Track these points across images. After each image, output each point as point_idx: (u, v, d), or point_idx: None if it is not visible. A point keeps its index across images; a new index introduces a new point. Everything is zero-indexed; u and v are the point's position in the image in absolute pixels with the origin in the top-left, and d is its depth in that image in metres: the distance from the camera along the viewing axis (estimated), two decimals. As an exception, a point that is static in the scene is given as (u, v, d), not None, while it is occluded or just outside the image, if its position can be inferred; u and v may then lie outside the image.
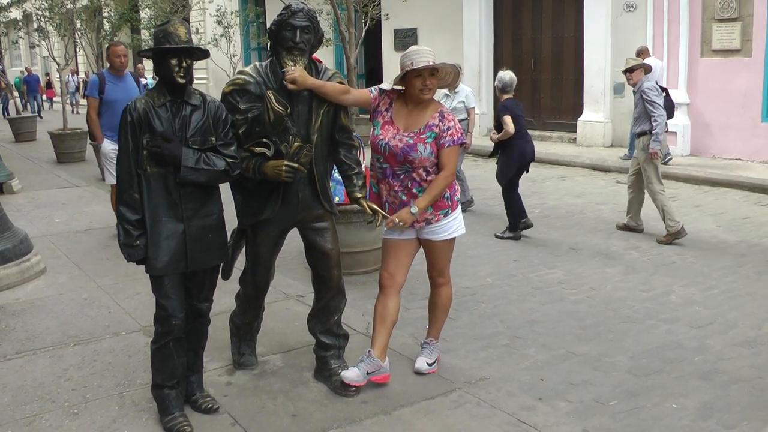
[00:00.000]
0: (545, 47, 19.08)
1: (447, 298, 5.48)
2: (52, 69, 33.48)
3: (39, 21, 18.43)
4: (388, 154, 5.02)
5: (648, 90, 9.41)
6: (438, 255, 5.31)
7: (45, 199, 12.30)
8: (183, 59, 4.26)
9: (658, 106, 9.30)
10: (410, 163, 4.98)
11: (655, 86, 9.60)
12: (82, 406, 4.84)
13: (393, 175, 5.07)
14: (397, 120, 5.07)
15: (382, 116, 5.10)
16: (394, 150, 4.98)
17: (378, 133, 5.06)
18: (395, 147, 4.98)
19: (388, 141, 5.00)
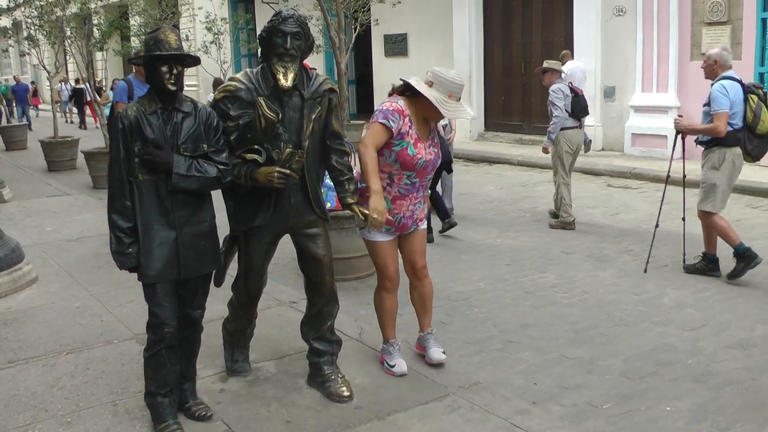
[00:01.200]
0: (535, 52, 19.12)
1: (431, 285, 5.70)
2: (42, 77, 33.41)
3: (29, 29, 18.39)
4: (422, 169, 5.18)
5: (552, 92, 10.50)
6: (422, 242, 5.55)
7: (36, 207, 12.26)
8: (174, 66, 4.26)
9: (557, 107, 10.40)
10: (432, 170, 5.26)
11: (560, 89, 10.49)
12: (75, 415, 4.83)
13: (420, 186, 5.29)
14: (420, 134, 5.23)
15: (409, 136, 5.17)
16: (428, 164, 5.19)
17: (414, 152, 5.15)
18: (429, 161, 5.21)
19: (424, 157, 5.18)
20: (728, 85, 7.67)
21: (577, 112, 10.77)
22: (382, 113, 5.18)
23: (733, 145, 7.75)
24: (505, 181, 14.79)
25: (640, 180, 14.15)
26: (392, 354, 5.44)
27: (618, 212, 11.41)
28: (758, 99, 7.68)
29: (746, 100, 7.70)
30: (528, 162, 16.34)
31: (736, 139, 7.73)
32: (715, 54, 7.93)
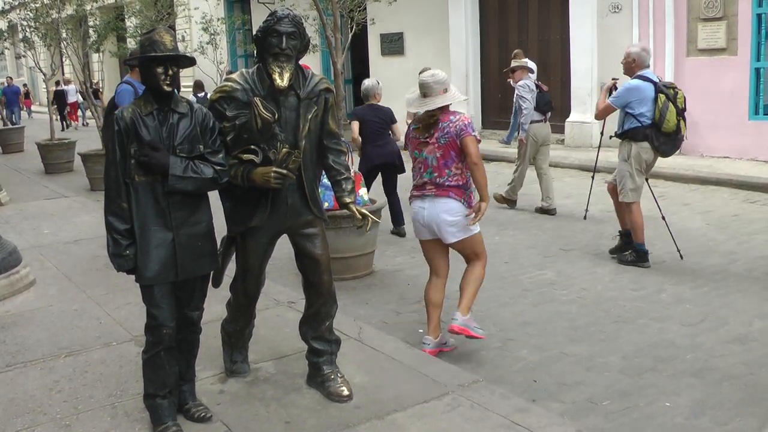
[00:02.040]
0: (531, 50, 19.10)
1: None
2: (38, 79, 33.35)
3: (24, 31, 18.37)
4: None
5: (520, 87, 11.28)
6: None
7: (33, 210, 12.25)
8: (169, 67, 4.25)
9: (526, 100, 11.19)
10: None
11: (527, 84, 11.30)
12: (74, 418, 4.82)
13: None
14: None
15: None
16: None
17: None
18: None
19: None
20: (635, 85, 8.26)
21: (542, 107, 11.51)
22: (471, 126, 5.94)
23: (641, 140, 8.29)
24: (502, 179, 14.73)
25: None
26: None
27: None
28: (666, 98, 8.14)
29: (656, 99, 8.17)
30: (525, 159, 16.32)
31: (643, 135, 8.26)
32: (634, 53, 8.42)
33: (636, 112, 8.26)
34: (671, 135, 8.24)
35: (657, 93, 8.18)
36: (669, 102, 8.15)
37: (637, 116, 8.27)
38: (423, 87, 5.94)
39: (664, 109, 8.13)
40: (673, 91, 8.27)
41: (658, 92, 8.19)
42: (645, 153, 8.34)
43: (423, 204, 6.08)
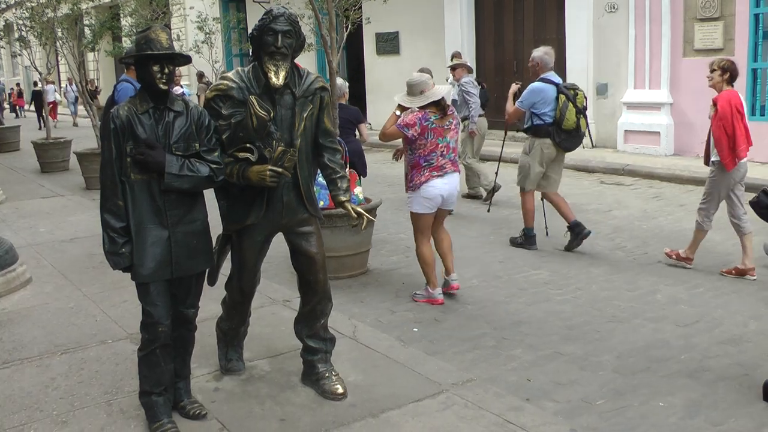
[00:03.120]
0: (527, 50, 19.01)
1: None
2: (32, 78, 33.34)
3: (20, 30, 18.35)
4: None
5: (466, 83, 12.01)
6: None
7: (29, 209, 12.24)
8: (165, 65, 4.26)
9: (474, 95, 11.93)
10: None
11: (471, 81, 12.20)
12: (70, 415, 4.83)
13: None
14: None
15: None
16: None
17: None
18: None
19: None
20: (538, 88, 9.01)
21: (483, 102, 12.81)
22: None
23: (543, 136, 9.05)
24: (498, 178, 14.78)
25: (632, 177, 14.19)
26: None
27: (611, 209, 11.43)
28: (566, 99, 8.86)
29: (557, 99, 8.91)
30: (521, 159, 16.35)
31: (546, 132, 9.02)
32: (537, 57, 9.21)
33: (539, 111, 9.00)
34: (571, 132, 8.97)
35: (558, 94, 8.90)
36: (569, 102, 8.85)
37: (540, 115, 9.01)
38: (422, 84, 7.05)
39: (564, 108, 8.85)
40: (573, 92, 8.96)
41: (559, 93, 8.91)
42: (546, 148, 9.07)
43: (444, 180, 7.16)
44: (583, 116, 9.01)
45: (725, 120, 7.66)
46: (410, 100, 7.12)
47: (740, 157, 7.75)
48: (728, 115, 7.66)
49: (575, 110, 8.87)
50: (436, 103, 7.04)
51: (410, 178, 7.22)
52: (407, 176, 7.30)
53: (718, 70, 7.95)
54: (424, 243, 7.36)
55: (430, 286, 7.39)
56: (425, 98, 7.02)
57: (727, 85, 7.95)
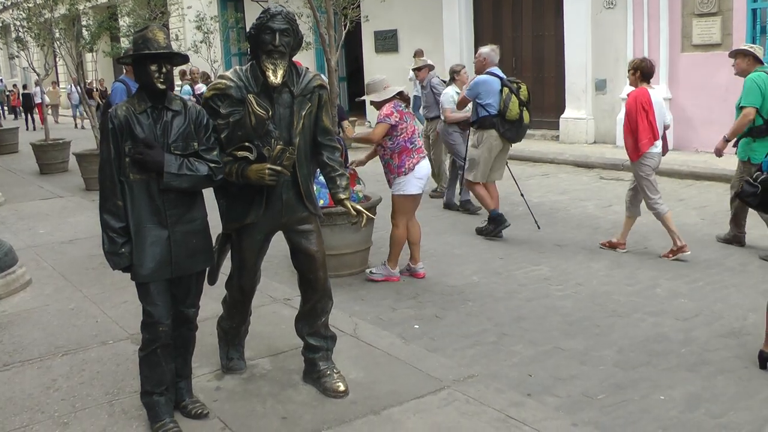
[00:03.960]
0: (526, 46, 19.14)
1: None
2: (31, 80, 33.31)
3: (17, 31, 18.32)
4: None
5: (437, 85, 12.09)
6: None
7: (29, 210, 12.25)
8: (162, 65, 4.26)
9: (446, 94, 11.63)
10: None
11: (440, 81, 12.30)
12: (71, 416, 4.84)
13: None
14: None
15: None
16: None
17: None
18: None
19: None
20: (483, 80, 9.59)
21: None
22: None
23: (489, 128, 9.52)
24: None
25: (631, 172, 14.14)
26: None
27: (611, 204, 11.43)
28: (509, 91, 9.40)
29: (501, 91, 9.44)
30: (520, 156, 16.32)
31: (491, 123, 9.50)
32: (485, 53, 9.89)
33: (484, 102, 9.50)
34: (515, 123, 9.47)
35: (502, 86, 9.46)
36: (512, 94, 9.39)
37: (485, 106, 9.50)
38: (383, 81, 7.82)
39: (507, 100, 9.37)
40: (516, 85, 9.54)
41: (503, 86, 9.46)
42: (494, 140, 9.53)
43: (426, 161, 7.83)
44: (527, 108, 9.54)
45: (630, 116, 8.37)
46: (379, 95, 7.72)
47: (644, 149, 8.31)
48: (633, 112, 8.30)
49: (518, 102, 9.40)
50: (400, 94, 7.75)
51: (400, 164, 7.65)
52: (391, 166, 7.72)
53: (632, 69, 8.55)
54: (403, 225, 7.87)
55: (391, 264, 7.95)
56: (391, 91, 7.70)
57: (641, 82, 8.48)
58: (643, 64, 8.44)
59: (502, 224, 9.58)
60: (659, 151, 8.55)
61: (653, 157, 8.44)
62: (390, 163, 7.71)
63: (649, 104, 8.28)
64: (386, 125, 7.56)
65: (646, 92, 8.36)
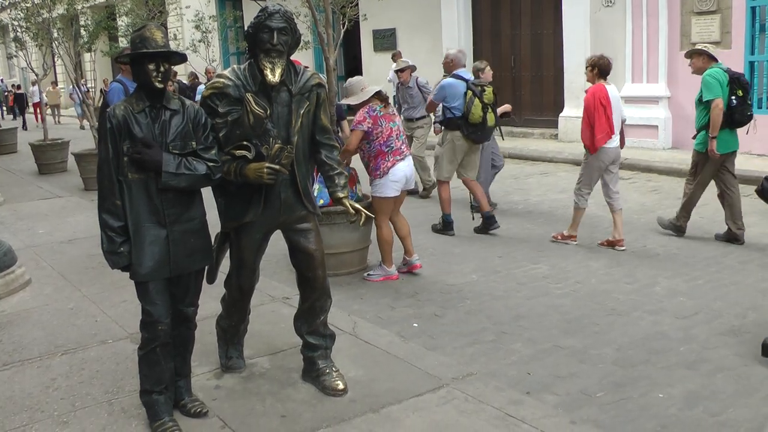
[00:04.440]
0: (524, 44, 19.15)
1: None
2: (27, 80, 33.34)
3: (15, 31, 18.31)
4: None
5: (426, 85, 12.48)
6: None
7: (28, 210, 12.25)
8: (160, 64, 4.26)
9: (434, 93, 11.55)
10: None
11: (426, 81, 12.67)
12: (71, 415, 4.84)
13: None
14: None
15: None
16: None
17: None
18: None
19: None
20: (449, 83, 9.83)
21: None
22: None
23: (454, 129, 9.71)
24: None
25: (631, 170, 14.17)
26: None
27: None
28: (473, 94, 9.56)
29: (465, 94, 9.61)
30: (519, 155, 16.37)
31: (456, 125, 9.69)
32: (451, 55, 10.19)
33: (450, 105, 9.70)
34: (478, 125, 9.59)
35: (467, 89, 9.62)
36: (475, 97, 9.54)
37: (451, 109, 9.69)
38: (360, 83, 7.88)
39: (470, 103, 9.52)
40: (480, 88, 9.67)
41: (468, 89, 9.62)
42: (458, 140, 9.70)
43: (406, 163, 7.82)
44: (492, 111, 9.69)
45: (588, 111, 8.74)
46: (357, 97, 7.73)
47: (599, 144, 8.71)
48: (591, 107, 8.69)
49: (481, 105, 9.53)
50: (378, 94, 7.77)
51: (376, 167, 7.73)
52: (369, 168, 7.84)
53: (589, 66, 8.96)
54: (386, 224, 7.94)
55: (386, 264, 8.02)
56: (368, 92, 7.71)
57: (598, 79, 8.87)
58: (600, 62, 8.86)
59: (447, 230, 9.94)
60: (616, 146, 8.96)
61: (609, 152, 8.87)
62: (368, 165, 7.83)
63: (607, 100, 8.66)
64: (360, 132, 7.64)
65: (604, 88, 8.73)
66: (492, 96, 9.78)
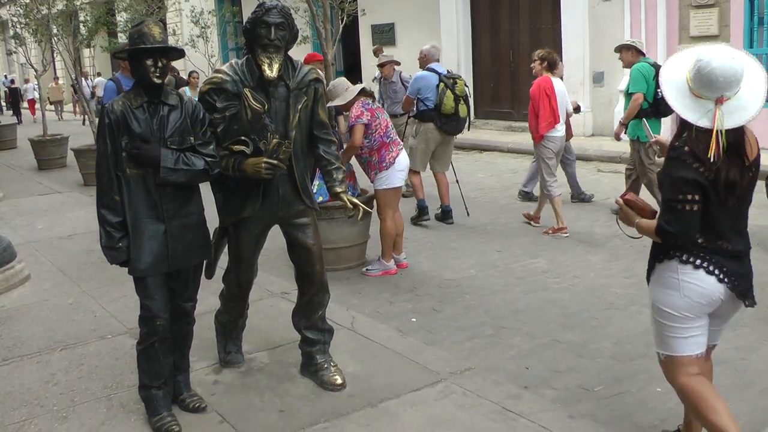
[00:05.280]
0: (523, 39, 19.13)
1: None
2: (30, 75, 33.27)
3: (15, 27, 18.30)
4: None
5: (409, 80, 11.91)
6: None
7: (27, 206, 12.26)
8: (158, 59, 4.27)
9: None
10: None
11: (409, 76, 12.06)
12: (70, 410, 4.86)
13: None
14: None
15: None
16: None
17: None
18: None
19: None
20: (422, 75, 10.09)
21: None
22: None
23: (427, 121, 9.97)
24: (495, 168, 14.83)
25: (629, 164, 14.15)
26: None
27: (608, 197, 11.42)
28: (445, 86, 9.83)
29: (438, 86, 9.87)
30: (518, 149, 16.37)
31: (429, 117, 9.95)
32: (425, 50, 10.43)
33: (423, 97, 9.96)
34: (450, 116, 9.86)
35: (440, 82, 9.88)
36: (447, 89, 9.80)
37: (424, 101, 9.95)
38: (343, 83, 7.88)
39: (442, 95, 9.80)
40: (452, 81, 9.94)
41: (440, 81, 9.88)
42: (430, 132, 9.96)
43: (404, 153, 7.96)
44: (463, 103, 9.94)
45: (533, 101, 9.29)
46: (343, 98, 7.76)
47: (542, 131, 9.25)
48: (536, 97, 9.25)
49: (453, 96, 9.80)
50: (362, 92, 7.81)
51: (381, 159, 7.74)
52: (372, 163, 7.82)
53: (537, 60, 9.56)
54: (390, 218, 7.93)
55: (385, 258, 8.05)
56: (352, 92, 7.74)
57: (547, 72, 9.49)
58: (549, 56, 9.52)
59: (423, 216, 10.12)
60: (562, 135, 9.57)
61: (554, 140, 9.42)
62: (370, 161, 7.81)
63: (552, 91, 9.23)
64: (361, 126, 7.64)
65: (549, 80, 9.35)
66: (464, 88, 10.02)
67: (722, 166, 3.59)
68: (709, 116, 3.58)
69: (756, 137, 3.80)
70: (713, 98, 3.57)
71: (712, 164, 3.56)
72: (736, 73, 3.55)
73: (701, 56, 3.61)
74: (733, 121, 3.60)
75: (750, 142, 3.71)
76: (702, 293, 3.80)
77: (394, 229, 7.96)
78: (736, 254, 3.83)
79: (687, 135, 3.67)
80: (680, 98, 3.69)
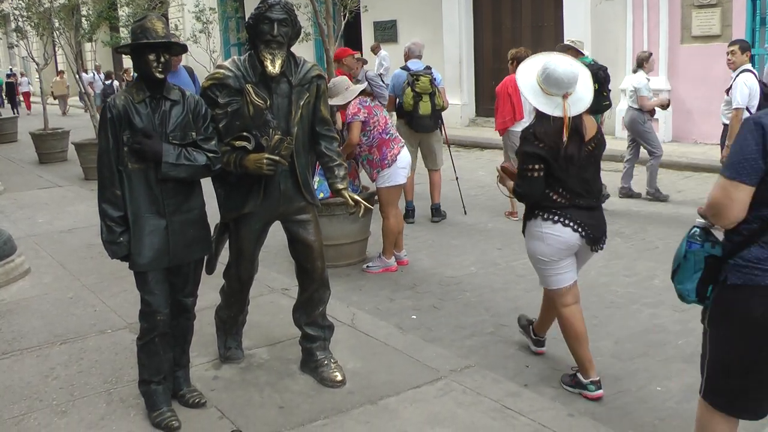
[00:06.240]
0: (525, 36, 19.09)
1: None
2: (31, 69, 33.20)
3: (16, 21, 18.28)
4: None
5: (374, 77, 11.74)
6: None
7: (28, 199, 12.26)
8: (161, 54, 4.26)
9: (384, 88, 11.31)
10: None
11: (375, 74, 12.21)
12: (69, 404, 4.86)
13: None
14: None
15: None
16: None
17: None
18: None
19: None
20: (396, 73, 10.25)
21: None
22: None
23: (399, 117, 10.15)
24: (496, 166, 14.80)
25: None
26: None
27: (609, 195, 11.41)
28: (407, 83, 9.87)
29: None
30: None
31: (399, 114, 10.12)
32: (406, 47, 10.51)
33: (397, 93, 10.06)
34: (412, 114, 9.85)
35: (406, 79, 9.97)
36: (408, 86, 9.83)
37: (398, 98, 10.05)
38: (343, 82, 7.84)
39: (402, 92, 9.89)
40: (414, 77, 9.89)
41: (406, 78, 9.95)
42: (402, 127, 9.94)
43: (405, 149, 7.95)
44: (428, 100, 9.87)
45: (498, 98, 9.81)
46: (343, 97, 7.69)
47: (499, 126, 9.84)
48: (499, 94, 9.76)
49: (412, 94, 9.79)
50: (362, 92, 7.81)
51: (382, 156, 7.75)
52: (372, 161, 7.82)
53: (511, 59, 9.74)
54: (393, 215, 7.94)
55: (386, 255, 8.06)
56: (352, 92, 7.71)
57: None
58: (518, 55, 9.57)
59: (408, 218, 10.01)
60: None
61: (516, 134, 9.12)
62: (370, 159, 7.81)
63: (515, 89, 9.24)
64: (358, 123, 7.66)
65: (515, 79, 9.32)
66: (428, 85, 9.88)
67: (562, 143, 4.68)
68: (560, 108, 4.70)
69: (594, 120, 5.13)
70: (560, 94, 4.69)
71: (551, 142, 4.68)
72: (575, 75, 4.72)
73: (548, 64, 4.71)
74: (576, 109, 4.75)
75: (586, 124, 4.85)
76: (561, 241, 4.93)
77: (396, 226, 7.96)
78: (588, 207, 4.93)
79: (535, 121, 4.85)
80: (536, 96, 4.78)
